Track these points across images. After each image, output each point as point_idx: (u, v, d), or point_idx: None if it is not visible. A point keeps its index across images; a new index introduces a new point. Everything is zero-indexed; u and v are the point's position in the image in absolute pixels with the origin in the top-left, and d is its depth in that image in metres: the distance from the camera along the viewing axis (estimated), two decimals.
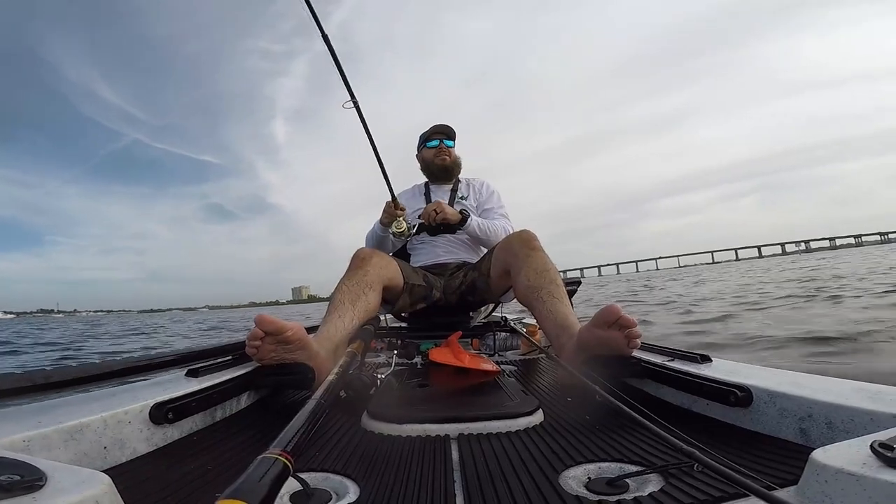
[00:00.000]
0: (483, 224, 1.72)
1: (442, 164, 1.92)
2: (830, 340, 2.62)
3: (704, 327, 3.82)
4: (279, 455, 0.37)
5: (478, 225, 1.70)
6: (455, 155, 1.95)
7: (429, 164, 1.95)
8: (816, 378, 0.74)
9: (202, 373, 0.94)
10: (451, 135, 1.95)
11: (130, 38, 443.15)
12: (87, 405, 0.70)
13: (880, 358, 2.21)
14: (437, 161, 1.92)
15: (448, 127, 1.95)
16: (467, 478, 0.61)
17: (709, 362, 0.91)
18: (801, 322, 3.41)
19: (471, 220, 1.69)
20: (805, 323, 3.34)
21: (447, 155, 1.92)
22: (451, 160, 1.93)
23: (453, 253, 1.79)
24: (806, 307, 4.46)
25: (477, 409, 0.87)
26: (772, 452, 0.63)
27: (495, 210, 1.86)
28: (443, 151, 1.92)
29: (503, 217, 1.84)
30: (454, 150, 1.96)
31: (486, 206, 1.88)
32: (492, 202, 1.89)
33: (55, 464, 0.45)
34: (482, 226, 1.71)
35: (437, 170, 1.94)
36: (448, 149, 1.93)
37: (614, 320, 0.93)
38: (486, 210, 1.87)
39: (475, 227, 1.70)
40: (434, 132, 1.95)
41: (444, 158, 1.92)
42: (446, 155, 1.92)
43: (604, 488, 0.57)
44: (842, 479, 0.40)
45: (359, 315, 1.23)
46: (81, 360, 3.29)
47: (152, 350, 5.40)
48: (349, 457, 0.69)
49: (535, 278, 1.28)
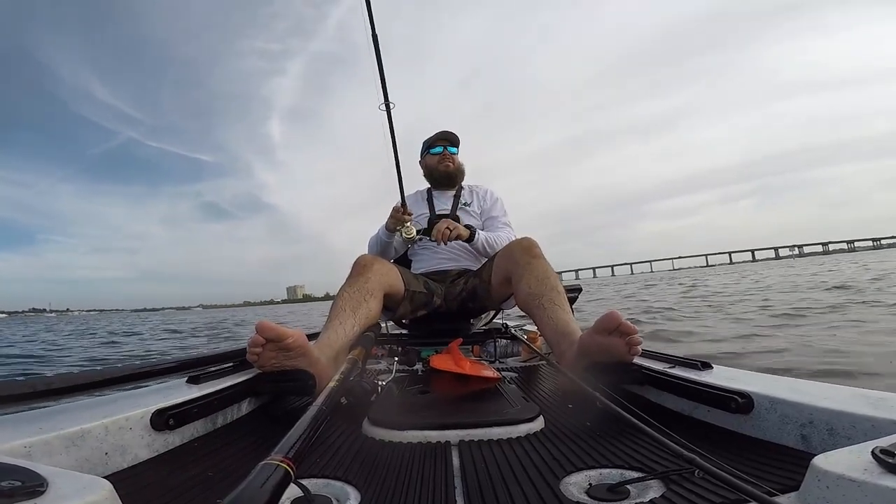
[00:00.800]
0: (490, 238, 1.72)
1: (445, 170, 1.93)
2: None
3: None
4: (281, 461, 0.38)
5: (485, 239, 1.70)
6: (459, 162, 1.96)
7: (432, 171, 1.96)
8: (817, 384, 0.74)
9: (203, 379, 0.94)
10: (455, 142, 1.96)
11: (126, 38, 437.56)
12: (89, 411, 0.70)
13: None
14: (441, 168, 1.93)
15: (452, 134, 1.96)
16: (468, 484, 0.61)
17: (710, 369, 0.90)
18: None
19: (478, 235, 1.68)
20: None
21: (451, 162, 1.93)
22: (454, 167, 1.93)
23: (454, 260, 1.79)
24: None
25: (478, 415, 0.87)
26: (773, 458, 0.63)
27: (499, 219, 1.86)
28: (447, 158, 1.93)
29: (506, 226, 1.84)
30: (458, 156, 1.96)
31: (491, 215, 1.88)
32: (495, 210, 1.89)
33: (56, 470, 0.45)
34: (489, 239, 1.71)
35: (440, 176, 1.95)
36: (452, 155, 1.94)
37: (615, 327, 0.94)
38: (490, 218, 1.87)
39: (483, 242, 1.69)
40: (438, 139, 1.96)
41: (448, 165, 1.92)
42: (450, 162, 1.93)
43: (605, 494, 0.57)
44: (843, 485, 0.40)
45: (360, 322, 1.23)
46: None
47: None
48: (350, 463, 0.69)
49: (535, 285, 1.28)
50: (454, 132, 1.98)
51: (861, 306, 4.50)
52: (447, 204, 1.92)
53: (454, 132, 1.98)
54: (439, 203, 1.94)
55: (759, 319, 4.23)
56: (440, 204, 1.93)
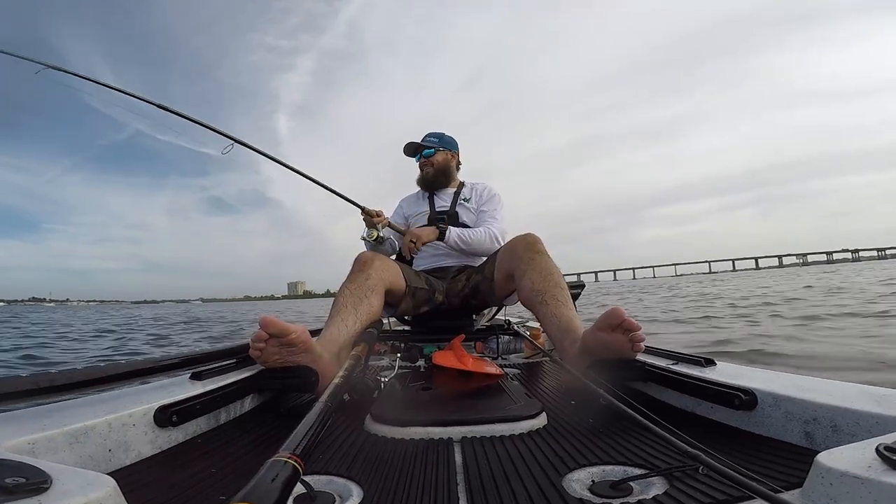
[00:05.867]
0: (464, 234, 1.72)
1: (425, 175, 1.96)
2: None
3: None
4: (289, 458, 0.38)
5: (458, 236, 1.71)
6: (440, 160, 1.94)
7: (422, 178, 1.99)
8: (821, 381, 0.74)
9: (206, 376, 0.94)
10: (426, 145, 1.95)
11: (138, 27, 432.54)
12: (92, 408, 0.71)
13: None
14: (422, 173, 1.97)
15: (413, 143, 1.96)
16: (470, 481, 0.61)
17: (713, 366, 0.90)
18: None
19: (449, 233, 1.70)
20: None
21: (430, 165, 1.94)
22: (435, 168, 1.94)
23: (454, 256, 1.79)
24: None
25: (480, 412, 0.87)
26: (776, 455, 0.63)
27: (488, 213, 1.86)
28: (425, 164, 1.95)
29: (493, 220, 1.83)
30: (437, 155, 1.95)
31: (482, 209, 1.88)
32: (488, 206, 1.89)
33: (60, 466, 0.45)
34: (463, 236, 1.72)
35: (423, 182, 1.98)
36: (428, 159, 1.94)
37: (618, 323, 0.93)
38: (481, 213, 1.88)
39: (455, 239, 1.71)
40: (407, 150, 1.98)
41: (428, 171, 1.95)
42: (429, 166, 1.94)
43: (608, 491, 0.56)
44: (847, 482, 0.40)
45: (362, 319, 1.23)
46: None
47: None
48: (353, 460, 0.69)
49: (539, 282, 1.28)
50: (433, 131, 1.99)
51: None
52: (447, 201, 1.92)
53: (433, 131, 1.99)
54: (439, 201, 1.94)
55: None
56: (440, 202, 1.94)
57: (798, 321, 4.14)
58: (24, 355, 4.29)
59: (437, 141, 1.96)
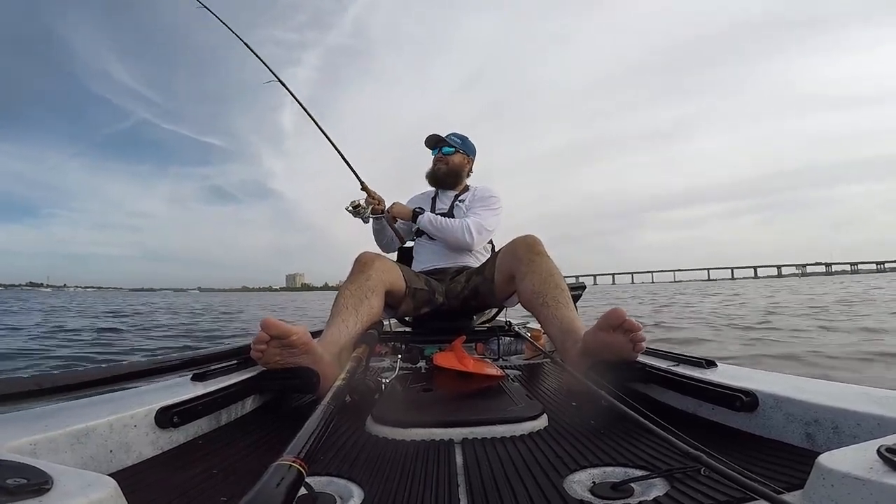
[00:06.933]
0: (436, 220, 1.78)
1: (437, 171, 1.96)
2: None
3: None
4: (293, 462, 0.38)
5: (429, 220, 1.78)
6: (455, 161, 1.95)
7: (432, 172, 1.98)
8: (822, 383, 0.74)
9: (208, 377, 0.94)
10: (448, 143, 1.95)
11: (146, 18, 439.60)
12: (94, 409, 0.71)
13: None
14: (434, 168, 1.97)
15: (438, 136, 1.97)
16: (471, 482, 0.61)
17: (714, 367, 0.90)
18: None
19: (421, 217, 1.78)
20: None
21: (444, 163, 1.94)
22: (448, 167, 1.94)
23: (452, 258, 1.80)
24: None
25: (481, 413, 0.87)
26: (778, 457, 0.63)
27: (472, 210, 1.87)
28: (440, 160, 1.95)
29: (474, 214, 1.83)
30: (455, 156, 1.95)
31: (471, 206, 1.89)
32: (477, 203, 1.90)
33: (61, 467, 0.45)
34: (434, 221, 1.78)
35: (432, 177, 1.98)
36: (445, 156, 1.94)
37: (619, 324, 0.93)
38: (469, 209, 1.89)
39: (426, 223, 1.78)
40: (429, 142, 1.98)
41: (440, 167, 1.95)
42: (443, 163, 1.94)
43: (608, 493, 0.56)
44: (848, 484, 0.40)
45: (362, 320, 1.23)
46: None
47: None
48: (353, 461, 0.69)
49: (539, 283, 1.28)
50: (457, 132, 1.98)
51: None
52: (447, 203, 1.93)
53: (457, 132, 1.98)
54: (440, 202, 1.95)
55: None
56: (441, 203, 1.95)
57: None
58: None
59: (461, 143, 1.97)
